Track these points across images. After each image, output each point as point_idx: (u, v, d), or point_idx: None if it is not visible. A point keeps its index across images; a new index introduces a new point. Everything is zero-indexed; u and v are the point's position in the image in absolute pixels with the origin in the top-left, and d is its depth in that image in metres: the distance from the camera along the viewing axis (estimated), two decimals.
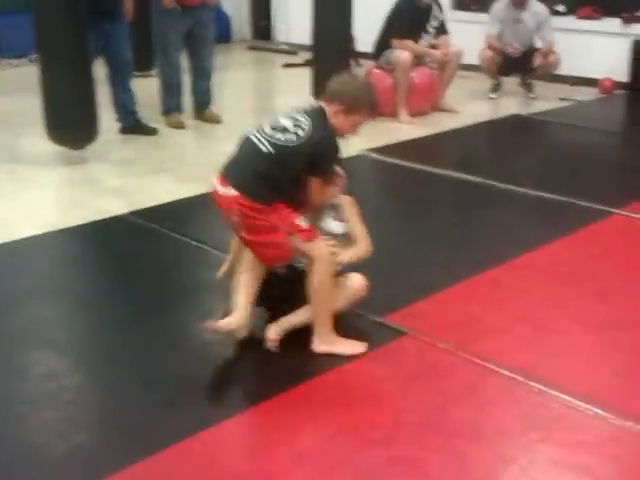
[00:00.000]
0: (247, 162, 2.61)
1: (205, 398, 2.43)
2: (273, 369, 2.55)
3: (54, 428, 2.23)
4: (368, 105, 2.70)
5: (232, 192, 2.57)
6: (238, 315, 2.61)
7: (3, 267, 3.35)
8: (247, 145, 2.64)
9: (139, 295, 3.10)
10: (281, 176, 2.57)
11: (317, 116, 2.65)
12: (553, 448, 2.19)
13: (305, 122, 2.61)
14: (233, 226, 2.68)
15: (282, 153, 2.57)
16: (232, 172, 2.63)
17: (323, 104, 2.69)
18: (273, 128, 2.61)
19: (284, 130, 2.59)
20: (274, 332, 2.63)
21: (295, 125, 2.60)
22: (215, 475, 2.05)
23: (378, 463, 2.10)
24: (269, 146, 2.57)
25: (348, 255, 2.74)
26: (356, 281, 2.75)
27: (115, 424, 2.28)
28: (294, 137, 2.58)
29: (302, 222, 2.60)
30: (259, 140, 2.60)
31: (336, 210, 2.79)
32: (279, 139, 2.58)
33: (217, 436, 2.21)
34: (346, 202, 2.81)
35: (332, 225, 2.78)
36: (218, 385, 2.53)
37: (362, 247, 2.79)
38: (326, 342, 2.61)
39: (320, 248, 2.59)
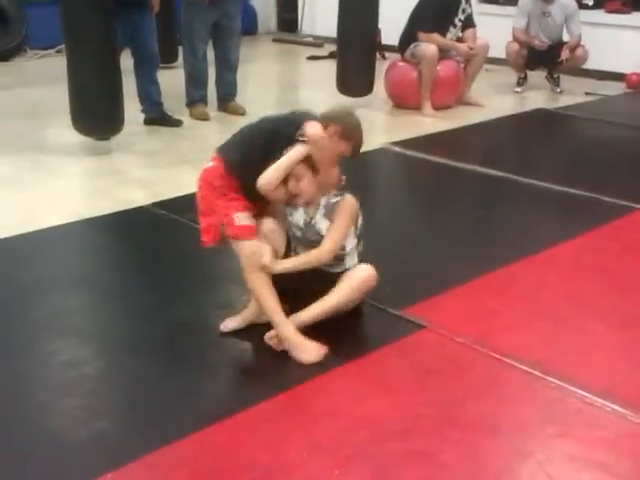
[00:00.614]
0: (237, 132, 2.76)
1: (225, 387, 2.45)
2: (291, 360, 2.56)
3: (75, 415, 2.27)
4: (359, 138, 2.72)
5: (208, 165, 2.71)
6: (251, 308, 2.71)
7: (28, 256, 3.39)
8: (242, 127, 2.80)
9: (161, 285, 3.14)
10: (259, 147, 2.62)
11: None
12: (570, 443, 2.19)
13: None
14: None
15: (265, 121, 2.71)
16: (222, 145, 2.77)
17: None
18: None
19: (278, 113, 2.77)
20: (269, 336, 2.63)
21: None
22: (234, 463, 2.08)
23: (395, 456, 2.11)
24: (262, 120, 2.72)
25: (291, 261, 2.67)
26: (363, 271, 2.73)
27: (136, 412, 2.31)
28: (288, 114, 2.73)
29: (242, 219, 2.61)
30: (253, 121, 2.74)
31: (331, 210, 2.72)
32: (272, 115, 2.75)
33: (236, 425, 2.23)
34: (345, 203, 2.71)
35: (321, 224, 2.71)
36: (237, 375, 2.56)
37: (320, 251, 2.65)
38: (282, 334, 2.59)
39: (245, 247, 2.61)
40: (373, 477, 2.03)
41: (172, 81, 6.01)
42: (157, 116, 5.49)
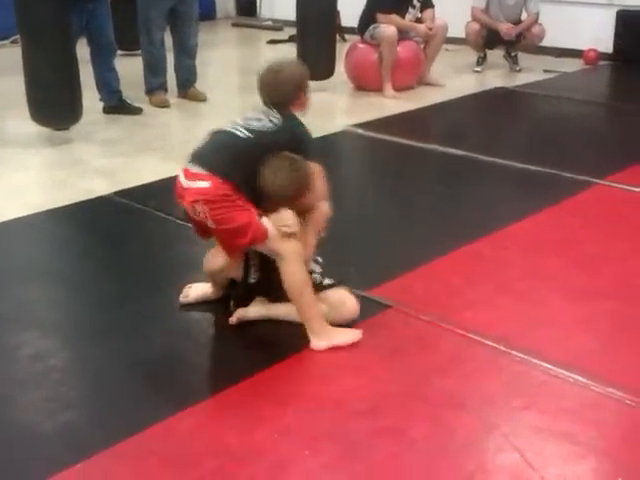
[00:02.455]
0: (224, 148, 2.56)
1: (191, 375, 2.45)
2: (257, 345, 2.58)
3: (42, 407, 2.25)
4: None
5: (199, 184, 2.48)
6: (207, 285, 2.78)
7: None
8: (221, 134, 2.60)
9: (125, 275, 3.12)
10: (258, 162, 2.50)
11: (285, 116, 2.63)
12: (535, 415, 2.23)
13: (275, 113, 2.61)
14: (195, 221, 2.62)
15: (261, 137, 2.54)
16: (206, 158, 2.54)
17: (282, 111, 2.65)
18: (246, 119, 2.60)
19: (258, 119, 2.59)
20: (236, 317, 2.66)
21: (267, 115, 2.60)
22: (203, 449, 2.08)
23: (364, 434, 2.13)
24: (246, 132, 2.54)
25: (310, 236, 2.62)
26: (347, 305, 2.66)
27: (103, 402, 2.30)
28: (270, 123, 2.57)
29: (265, 221, 2.51)
30: (234, 129, 2.56)
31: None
32: (256, 126, 2.56)
33: (204, 411, 2.23)
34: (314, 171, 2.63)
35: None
36: (204, 362, 2.56)
37: (321, 212, 2.65)
38: (323, 337, 2.53)
39: (291, 245, 2.51)
40: (343, 456, 2.05)
41: (133, 69, 5.94)
42: (116, 104, 5.42)
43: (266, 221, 2.50)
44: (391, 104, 5.82)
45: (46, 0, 4.43)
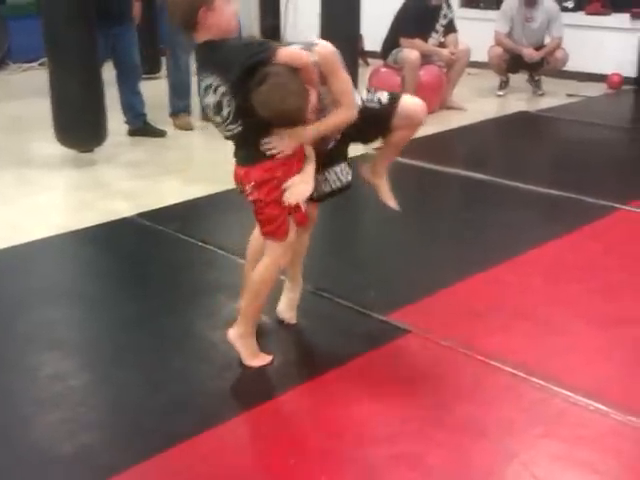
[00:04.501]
0: (238, 149, 2.49)
1: (210, 398, 2.45)
2: (276, 370, 2.58)
3: (61, 429, 2.27)
4: None
5: (246, 168, 2.47)
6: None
7: (14, 269, 3.39)
8: (230, 140, 2.51)
9: (146, 296, 3.14)
10: (260, 127, 2.36)
11: (210, 55, 2.35)
12: (555, 443, 2.20)
13: (212, 77, 2.34)
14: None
15: (238, 114, 2.33)
16: (238, 158, 2.52)
17: (201, 38, 2.36)
18: (214, 112, 2.39)
19: (217, 105, 2.36)
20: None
21: (215, 89, 2.34)
22: (221, 472, 2.08)
23: (381, 460, 2.11)
24: (234, 128, 2.38)
25: (321, 125, 2.43)
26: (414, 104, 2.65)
27: (122, 424, 2.31)
28: (224, 97, 2.33)
29: (302, 203, 2.49)
30: (225, 131, 2.43)
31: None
32: (224, 113, 2.35)
33: (222, 435, 2.23)
34: (324, 56, 2.39)
35: None
36: (223, 385, 2.55)
37: (342, 113, 2.46)
38: (241, 337, 2.55)
39: (282, 245, 2.50)
40: None
41: (156, 92, 6.02)
42: (140, 127, 5.49)
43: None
44: None
45: (73, 24, 4.52)
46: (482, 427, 2.28)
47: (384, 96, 2.65)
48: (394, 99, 2.64)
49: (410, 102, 2.67)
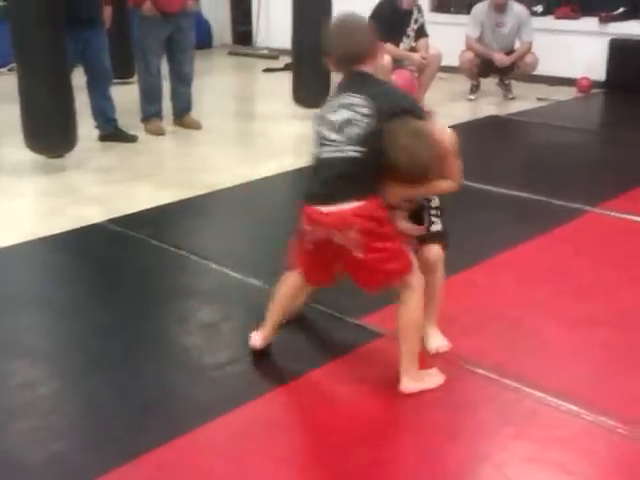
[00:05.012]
0: (339, 178, 2.32)
1: (183, 403, 2.43)
2: (251, 374, 2.57)
3: (32, 437, 2.24)
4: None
5: (345, 206, 2.30)
6: (265, 333, 2.62)
7: None
8: (325, 165, 2.36)
9: (118, 303, 3.11)
10: (377, 163, 2.30)
11: (364, 82, 2.40)
12: (527, 445, 2.21)
13: (359, 98, 2.34)
14: (336, 248, 2.36)
15: (366, 140, 2.29)
16: (327, 193, 2.34)
17: (357, 69, 2.42)
18: (336, 130, 2.34)
19: (347, 122, 2.32)
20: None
21: (355, 109, 2.32)
22: (196, 477, 2.07)
23: (355, 463, 2.11)
24: (353, 151, 2.30)
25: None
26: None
27: (93, 432, 2.29)
28: (363, 118, 2.30)
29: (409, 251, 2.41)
30: (334, 152, 2.33)
31: None
32: (351, 133, 2.31)
33: (196, 440, 2.22)
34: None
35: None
36: (197, 390, 2.53)
37: (448, 184, 2.46)
38: (415, 380, 2.45)
39: (419, 276, 2.42)
40: None
41: (128, 96, 5.99)
42: (111, 132, 5.45)
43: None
44: None
45: (42, 27, 4.48)
46: (455, 429, 2.29)
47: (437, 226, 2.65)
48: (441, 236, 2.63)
49: (436, 252, 2.60)
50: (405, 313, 2.41)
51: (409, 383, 2.43)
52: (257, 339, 2.63)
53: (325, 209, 2.34)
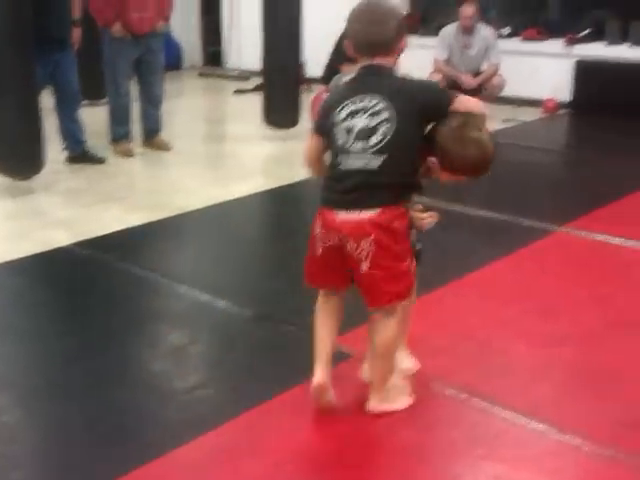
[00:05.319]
0: (361, 186, 2.22)
1: (150, 430, 2.40)
2: (220, 398, 2.56)
3: None
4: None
5: (364, 214, 2.22)
6: (321, 375, 2.40)
7: None
8: (345, 176, 2.23)
9: (85, 328, 3.07)
10: (406, 167, 2.23)
11: (380, 79, 2.25)
12: (496, 464, 2.22)
13: (376, 99, 2.21)
14: (345, 257, 2.27)
15: (388, 147, 2.18)
16: (347, 200, 2.23)
17: (372, 62, 2.26)
18: (361, 139, 2.21)
19: (367, 130, 2.20)
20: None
21: (373, 113, 2.20)
22: None
23: None
24: (374, 159, 2.19)
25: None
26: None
27: (56, 461, 2.25)
28: (383, 124, 2.19)
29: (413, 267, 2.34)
30: (355, 161, 2.21)
31: None
32: (372, 141, 2.19)
33: (162, 468, 2.19)
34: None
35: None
36: (164, 417, 2.51)
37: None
38: (384, 400, 2.41)
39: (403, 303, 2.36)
40: None
41: (97, 118, 5.96)
42: (80, 154, 5.42)
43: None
44: None
45: (11, 48, 4.46)
46: (424, 450, 2.29)
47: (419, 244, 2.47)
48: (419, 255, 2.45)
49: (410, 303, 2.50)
50: (384, 333, 2.36)
51: (378, 403, 2.42)
52: (318, 376, 2.40)
53: (343, 216, 2.23)
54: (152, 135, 5.91)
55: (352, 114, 2.22)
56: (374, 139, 2.19)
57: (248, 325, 3.09)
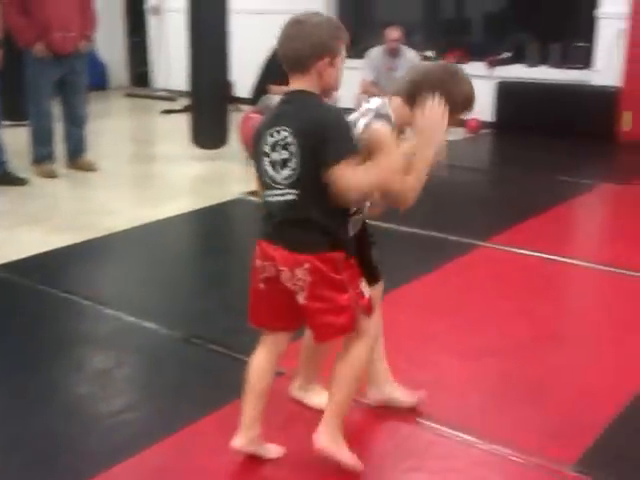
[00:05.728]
0: (288, 223, 2.10)
1: (77, 454, 2.34)
2: (146, 421, 2.51)
3: None
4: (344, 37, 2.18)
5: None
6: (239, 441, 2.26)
7: None
8: (272, 209, 2.13)
9: (5, 352, 2.97)
10: (321, 204, 2.07)
11: (294, 109, 2.09)
12: (425, 476, 2.25)
13: (286, 132, 2.06)
14: (284, 289, 2.12)
15: (299, 182, 2.05)
16: (279, 234, 2.12)
17: (295, 87, 2.12)
18: (274, 169, 2.09)
19: (281, 162, 2.07)
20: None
21: (285, 146, 2.06)
22: None
23: None
24: (289, 192, 2.07)
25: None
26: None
27: None
28: (292, 157, 2.05)
29: (364, 288, 2.19)
30: (277, 195, 2.10)
31: None
32: (285, 174, 2.06)
33: None
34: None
35: None
36: (89, 440, 2.44)
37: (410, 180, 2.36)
38: (333, 440, 2.19)
39: (369, 325, 2.19)
40: None
41: (19, 139, 5.81)
42: (1, 175, 5.27)
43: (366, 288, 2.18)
44: None
45: None
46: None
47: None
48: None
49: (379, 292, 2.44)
50: (348, 359, 2.18)
51: (327, 441, 2.18)
52: (238, 441, 2.26)
53: (276, 245, 2.11)
54: (76, 156, 5.81)
55: (272, 146, 2.09)
56: (286, 173, 2.06)
57: (177, 346, 3.04)
